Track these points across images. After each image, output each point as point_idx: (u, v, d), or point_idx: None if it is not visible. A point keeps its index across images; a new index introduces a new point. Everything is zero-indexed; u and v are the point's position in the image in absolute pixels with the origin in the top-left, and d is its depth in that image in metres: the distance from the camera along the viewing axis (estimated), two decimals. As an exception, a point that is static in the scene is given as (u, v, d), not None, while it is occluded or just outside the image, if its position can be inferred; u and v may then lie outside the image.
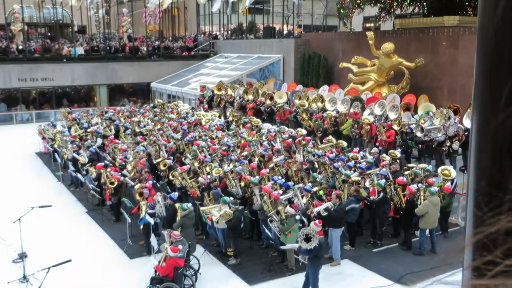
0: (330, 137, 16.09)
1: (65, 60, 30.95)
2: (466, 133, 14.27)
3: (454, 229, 12.69)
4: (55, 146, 18.53)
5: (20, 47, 30.89)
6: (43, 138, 20.95)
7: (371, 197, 11.64)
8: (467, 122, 14.59)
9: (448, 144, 14.43)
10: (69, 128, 20.78)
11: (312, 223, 9.76)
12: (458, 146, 14.39)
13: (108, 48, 33.30)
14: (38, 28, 38.33)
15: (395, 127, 15.43)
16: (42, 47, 31.42)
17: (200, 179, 12.59)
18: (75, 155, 16.30)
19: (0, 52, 29.92)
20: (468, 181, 1.06)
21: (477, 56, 0.99)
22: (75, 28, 38.94)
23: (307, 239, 9.09)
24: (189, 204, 11.06)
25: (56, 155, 18.25)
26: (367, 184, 11.88)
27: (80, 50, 32.20)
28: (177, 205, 11.10)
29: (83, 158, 15.95)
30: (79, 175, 15.72)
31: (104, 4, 37.88)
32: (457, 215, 13.29)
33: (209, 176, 12.76)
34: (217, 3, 34.06)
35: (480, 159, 0.93)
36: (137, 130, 19.17)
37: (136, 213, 12.08)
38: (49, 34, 38.05)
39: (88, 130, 19.39)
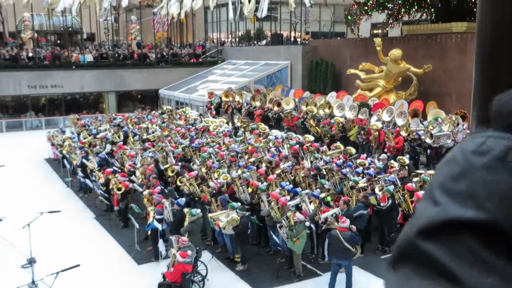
0: (338, 143, 16.09)
1: (74, 67, 31.21)
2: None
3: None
4: (64, 152, 18.67)
5: (30, 54, 31.22)
6: (52, 144, 21.11)
7: (382, 204, 11.60)
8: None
9: (456, 150, 14.35)
10: (78, 135, 20.92)
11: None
12: (466, 152, 14.31)
13: (116, 55, 33.55)
14: (48, 36, 38.71)
15: (403, 133, 15.40)
16: (52, 55, 31.72)
17: (211, 183, 12.62)
18: (84, 161, 16.41)
19: (10, 60, 30.25)
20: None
21: (476, 59, 1.01)
22: (84, 36, 39.29)
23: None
24: (198, 210, 11.09)
25: (65, 161, 18.37)
26: (376, 190, 11.84)
27: (89, 57, 32.46)
28: (186, 210, 11.13)
29: (92, 164, 16.05)
30: (87, 181, 15.81)
31: (113, 11, 38.23)
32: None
33: (219, 181, 12.81)
34: (230, 12, 34.24)
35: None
36: (145, 136, 19.26)
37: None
38: (59, 41, 38.41)
39: (97, 136, 19.52)
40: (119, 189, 13.37)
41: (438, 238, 0.61)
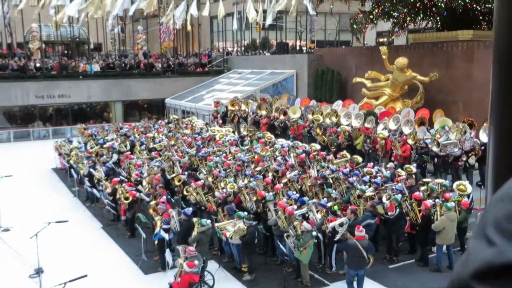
0: (344, 152, 16.04)
1: (81, 77, 31.42)
2: (482, 148, 14.12)
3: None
4: (71, 162, 18.75)
5: (38, 64, 31.48)
6: (60, 154, 21.20)
7: (389, 213, 11.53)
8: (483, 137, 14.46)
9: (464, 158, 14.28)
10: (85, 144, 21.01)
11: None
12: (474, 160, 14.24)
13: (123, 65, 33.77)
14: (55, 46, 39.04)
15: (410, 141, 15.34)
16: (59, 65, 31.97)
17: (216, 193, 12.61)
18: (91, 170, 16.46)
19: (18, 70, 30.51)
20: (486, 196, 1.06)
21: (493, 71, 1.00)
22: (91, 46, 39.59)
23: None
24: (208, 221, 11.06)
25: (72, 170, 18.45)
26: (384, 199, 11.78)
27: (96, 67, 32.69)
28: (195, 219, 11.11)
29: (99, 173, 16.09)
30: (94, 191, 15.85)
31: (119, 21, 38.51)
32: (475, 230, 13.08)
33: (224, 190, 12.78)
34: (235, 23, 34.53)
35: (498, 173, 0.93)
36: (152, 146, 19.31)
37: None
38: (66, 51, 38.74)
39: (104, 146, 19.58)
40: (126, 199, 13.39)
41: (495, 281, 0.58)
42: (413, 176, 13.45)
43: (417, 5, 21.32)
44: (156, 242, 11.64)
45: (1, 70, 30.37)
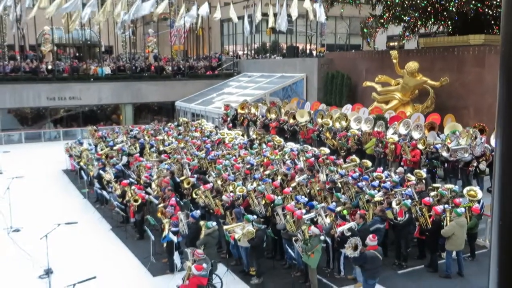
0: (353, 156, 15.98)
1: (92, 79, 31.67)
2: (493, 153, 14.00)
3: (482, 252, 12.38)
4: (81, 163, 18.87)
5: (50, 67, 31.76)
6: (70, 155, 21.36)
7: (399, 218, 11.45)
8: (494, 142, 14.34)
9: (475, 164, 14.17)
10: (96, 146, 21.14)
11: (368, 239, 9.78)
12: (485, 166, 14.13)
13: (134, 67, 33.96)
14: (67, 49, 39.36)
15: (420, 146, 15.25)
16: (71, 67, 32.24)
17: (224, 197, 12.61)
18: (101, 172, 16.56)
19: (30, 72, 30.83)
20: (492, 205, 1.06)
21: (500, 76, 1.00)
22: (102, 48, 39.85)
23: (355, 247, 9.33)
24: (214, 223, 11.07)
25: (82, 172, 18.57)
26: (393, 204, 11.71)
27: (107, 70, 32.92)
28: (202, 222, 11.13)
29: (109, 175, 16.18)
30: (104, 193, 15.94)
31: (130, 25, 38.72)
32: (485, 237, 12.98)
33: (232, 194, 12.77)
34: (246, 26, 34.65)
35: (505, 183, 0.92)
36: (161, 148, 19.38)
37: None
38: (77, 54, 39.04)
39: (114, 148, 19.69)
40: (135, 201, 13.45)
41: None
42: (423, 181, 13.36)
43: (428, 9, 21.21)
44: (164, 244, 11.68)
45: (13, 72, 30.71)
